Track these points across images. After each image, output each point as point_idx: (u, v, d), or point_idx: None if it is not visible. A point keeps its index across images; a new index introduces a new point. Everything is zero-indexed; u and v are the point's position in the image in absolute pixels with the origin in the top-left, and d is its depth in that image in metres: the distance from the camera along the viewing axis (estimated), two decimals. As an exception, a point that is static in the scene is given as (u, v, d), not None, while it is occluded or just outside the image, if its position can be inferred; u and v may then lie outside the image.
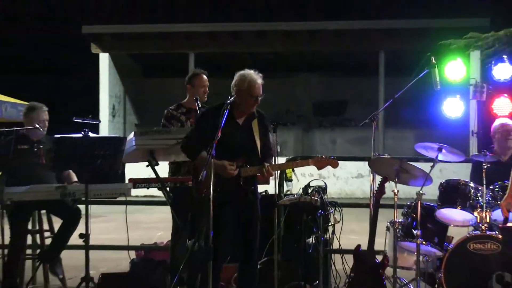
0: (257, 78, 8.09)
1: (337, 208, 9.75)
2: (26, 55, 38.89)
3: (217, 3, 42.52)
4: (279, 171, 10.04)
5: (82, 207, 8.90)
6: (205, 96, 9.85)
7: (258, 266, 9.13)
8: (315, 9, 39.49)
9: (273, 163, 8.36)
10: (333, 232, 9.71)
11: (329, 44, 30.87)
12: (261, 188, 9.89)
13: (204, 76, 9.95)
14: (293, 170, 10.32)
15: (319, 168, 8.51)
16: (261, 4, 43.01)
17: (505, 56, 10.89)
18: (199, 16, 36.68)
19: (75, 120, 9.08)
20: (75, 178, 9.19)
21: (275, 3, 43.60)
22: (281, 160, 9.39)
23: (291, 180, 9.87)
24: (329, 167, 8.32)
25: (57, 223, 9.28)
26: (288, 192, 9.95)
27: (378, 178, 9.36)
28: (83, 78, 32.52)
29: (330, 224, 9.65)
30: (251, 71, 8.14)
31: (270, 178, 9.06)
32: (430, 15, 30.89)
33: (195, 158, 8.00)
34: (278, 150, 9.75)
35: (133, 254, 9.88)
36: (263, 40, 30.84)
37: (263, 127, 8.25)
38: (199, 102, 9.65)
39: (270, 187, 9.82)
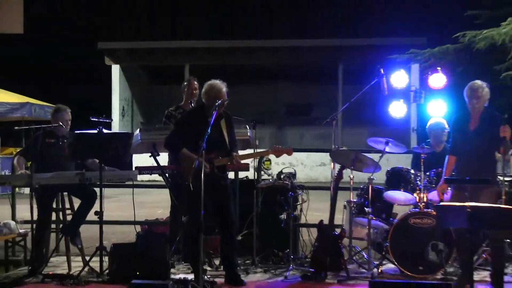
0: (222, 86, 8.30)
1: (304, 190, 9.78)
2: (52, 66, 38.89)
3: (210, 24, 42.42)
4: (257, 162, 10.09)
5: (97, 189, 8.90)
6: (196, 96, 9.86)
7: (240, 238, 9.20)
8: (289, 29, 39.51)
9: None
10: (301, 210, 9.77)
11: (300, 58, 30.94)
12: (242, 174, 10.04)
13: (195, 82, 9.96)
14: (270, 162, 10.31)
15: (277, 156, 8.68)
16: (248, 25, 42.97)
17: (439, 68, 10.92)
18: (195, 34, 36.57)
19: (92, 119, 9.09)
20: (97, 163, 9.19)
21: (259, 24, 43.57)
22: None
23: (269, 169, 9.87)
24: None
25: (76, 203, 9.27)
26: (270, 178, 9.97)
27: (337, 166, 9.41)
28: (98, 85, 32.44)
29: (298, 203, 9.68)
30: (217, 81, 8.34)
31: (250, 166, 9.14)
32: (380, 34, 30.90)
33: (177, 153, 8.12)
34: (257, 143, 9.77)
35: (138, 228, 9.87)
36: (248, 55, 30.84)
37: (229, 124, 8.37)
38: (193, 104, 9.72)
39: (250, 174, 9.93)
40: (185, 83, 10.04)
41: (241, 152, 8.80)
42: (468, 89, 8.21)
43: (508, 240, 8.73)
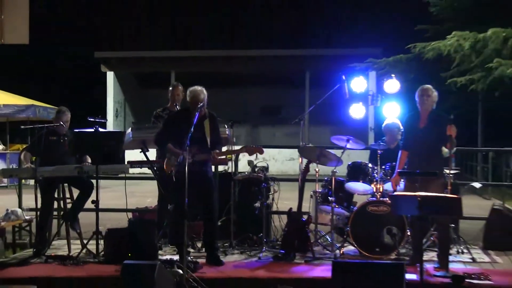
0: (201, 92, 8.24)
1: (275, 182, 9.78)
2: (54, 72, 38.88)
3: (194, 36, 42.53)
4: (235, 157, 10.07)
5: (93, 181, 8.89)
6: (180, 99, 9.86)
7: (219, 223, 9.18)
8: (262, 41, 39.61)
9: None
10: (273, 199, 9.74)
11: (272, 66, 31.04)
12: (222, 168, 10.05)
13: (179, 87, 9.93)
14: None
15: (250, 154, 8.70)
16: (226, 37, 43.13)
17: (393, 75, 10.98)
18: (180, 45, 36.57)
19: (89, 119, 9.07)
20: (89, 160, 9.18)
21: (237, 36, 43.74)
22: (236, 148, 9.43)
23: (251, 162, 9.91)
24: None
25: (75, 193, 9.26)
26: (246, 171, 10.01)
27: (305, 161, 9.41)
28: (95, 89, 32.51)
29: (270, 193, 9.66)
30: (198, 87, 8.30)
31: (229, 161, 9.13)
32: (342, 45, 31.02)
33: (164, 148, 8.19)
34: (234, 141, 9.78)
35: (130, 215, 9.84)
36: (227, 63, 30.91)
37: (213, 124, 8.33)
38: (177, 107, 9.72)
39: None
40: (170, 88, 10.03)
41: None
42: (419, 90, 8.26)
43: (452, 225, 8.83)
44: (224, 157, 9.08)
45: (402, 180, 8.49)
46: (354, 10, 40.45)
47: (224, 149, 8.92)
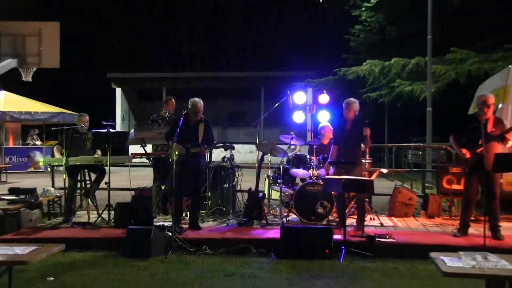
0: (197, 101, 8.18)
1: (239, 169, 9.76)
2: (77, 88, 38.81)
3: (176, 62, 42.70)
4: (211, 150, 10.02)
5: (106, 168, 8.80)
6: (172, 110, 9.79)
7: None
8: (228, 64, 39.90)
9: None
10: (237, 181, 9.71)
11: (236, 83, 31.01)
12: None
13: (172, 100, 9.89)
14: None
15: (226, 150, 8.55)
16: (200, 62, 43.50)
17: (324, 91, 11.00)
18: (167, 69, 36.52)
19: (103, 122, 8.98)
20: (99, 153, 9.07)
21: (209, 61, 44.10)
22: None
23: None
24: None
25: (93, 176, 9.17)
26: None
27: (261, 153, 9.40)
28: (107, 101, 32.31)
29: (236, 176, 9.64)
30: (196, 98, 8.23)
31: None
32: (288, 69, 31.04)
33: (170, 141, 8.00)
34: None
35: (133, 193, 9.74)
36: (203, 81, 30.88)
37: (206, 127, 8.24)
38: (167, 114, 9.66)
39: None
40: (165, 99, 10.02)
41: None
42: (345, 102, 8.25)
43: (367, 199, 8.88)
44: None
45: (331, 167, 8.50)
46: (297, 44, 41.24)
47: None
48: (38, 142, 24.46)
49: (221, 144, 8.57)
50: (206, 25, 48.69)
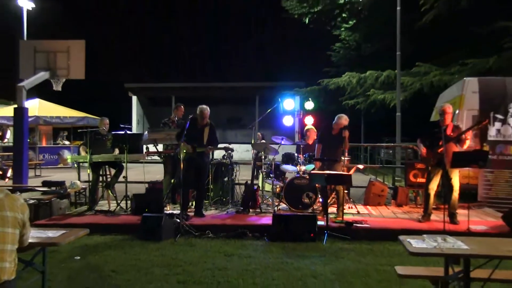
0: (204, 108, 8.18)
1: (237, 165, 9.76)
2: (100, 96, 38.99)
3: (185, 73, 42.77)
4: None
5: (124, 164, 8.78)
6: (181, 115, 9.77)
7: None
8: (228, 76, 40.02)
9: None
10: (236, 175, 9.71)
11: (234, 92, 30.90)
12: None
13: (181, 106, 9.87)
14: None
15: (226, 151, 8.55)
16: (203, 73, 43.64)
17: (310, 99, 11.04)
18: (176, 79, 36.47)
19: (121, 126, 8.98)
20: (117, 152, 9.06)
21: (211, 72, 44.27)
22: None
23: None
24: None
25: (112, 171, 9.15)
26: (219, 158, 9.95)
27: (256, 151, 9.41)
28: (125, 107, 32.28)
29: (234, 171, 9.64)
30: (203, 106, 8.24)
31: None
32: (279, 79, 30.82)
33: (180, 141, 7.96)
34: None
35: (146, 185, 9.74)
36: (207, 90, 30.79)
37: (211, 130, 8.21)
38: (176, 118, 9.64)
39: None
40: (175, 106, 9.97)
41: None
42: (337, 117, 8.20)
43: (346, 191, 8.90)
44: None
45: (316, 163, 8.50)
46: (287, 59, 41.46)
47: None
48: (67, 142, 24.75)
49: (223, 147, 8.59)
50: (210, 44, 50.16)
